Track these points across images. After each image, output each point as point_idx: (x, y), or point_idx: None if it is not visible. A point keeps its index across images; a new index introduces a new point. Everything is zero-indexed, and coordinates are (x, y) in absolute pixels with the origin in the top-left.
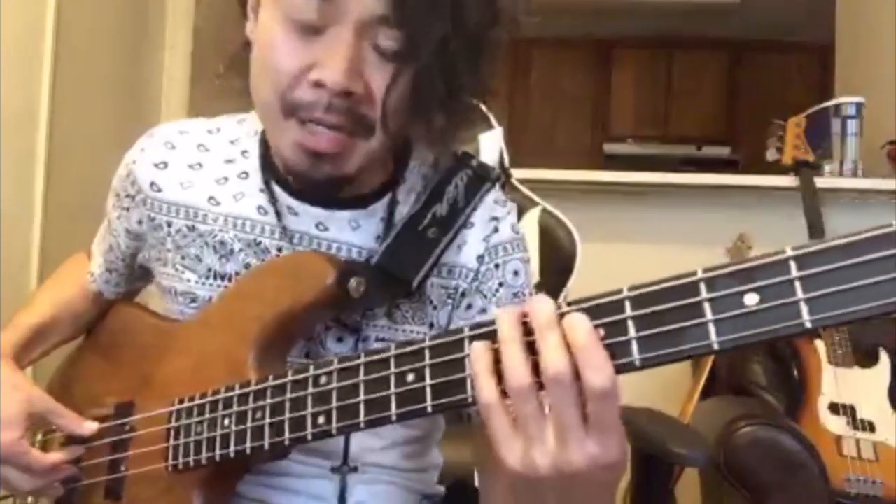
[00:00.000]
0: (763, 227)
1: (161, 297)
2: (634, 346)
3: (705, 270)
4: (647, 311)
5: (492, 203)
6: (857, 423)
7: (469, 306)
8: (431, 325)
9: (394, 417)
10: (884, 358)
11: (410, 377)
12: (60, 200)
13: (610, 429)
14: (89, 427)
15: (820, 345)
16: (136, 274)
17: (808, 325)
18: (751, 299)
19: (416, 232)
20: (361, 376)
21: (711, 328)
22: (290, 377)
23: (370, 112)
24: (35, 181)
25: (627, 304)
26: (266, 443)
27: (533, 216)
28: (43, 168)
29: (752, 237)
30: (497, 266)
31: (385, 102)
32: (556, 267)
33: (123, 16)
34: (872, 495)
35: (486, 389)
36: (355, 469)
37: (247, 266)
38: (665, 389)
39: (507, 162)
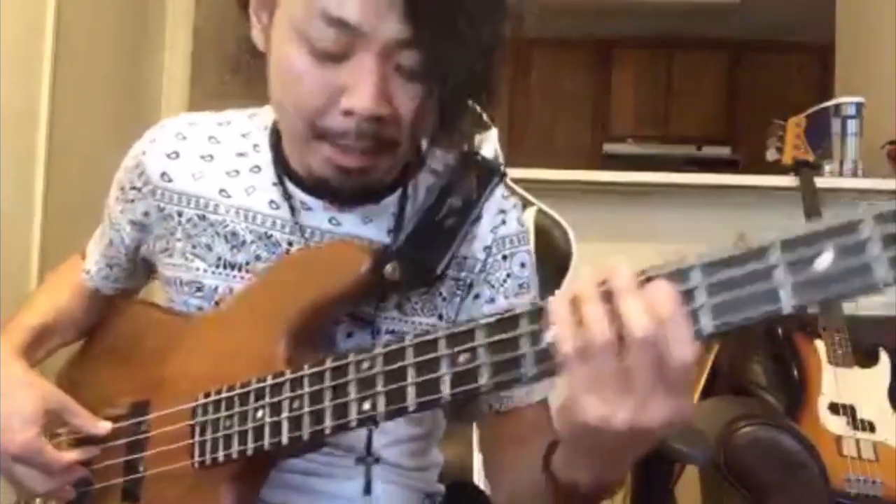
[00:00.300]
0: (763, 227)
1: (163, 288)
2: (706, 314)
3: (773, 236)
4: (717, 278)
5: (499, 196)
6: (857, 423)
7: (477, 296)
8: (441, 317)
9: (447, 398)
10: (884, 358)
11: (463, 357)
12: (60, 200)
13: (686, 392)
14: (104, 426)
15: (820, 345)
16: (137, 269)
17: (882, 285)
18: (823, 261)
19: (435, 222)
20: (410, 359)
21: (783, 292)
22: (328, 364)
23: (396, 132)
24: (35, 181)
25: (697, 272)
26: (305, 432)
27: (528, 216)
28: (43, 168)
29: (752, 237)
30: (504, 258)
31: (413, 123)
32: (552, 267)
33: (123, 16)
34: (872, 495)
35: (570, 339)
36: (378, 460)
37: (258, 257)
38: None
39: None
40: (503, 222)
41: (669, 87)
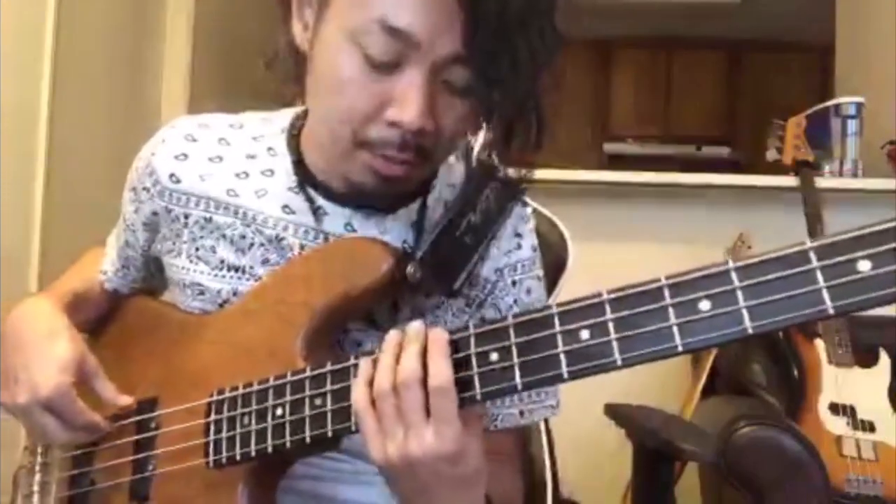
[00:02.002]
0: (763, 227)
1: (170, 289)
2: (745, 315)
3: (813, 240)
4: (755, 280)
5: (517, 218)
6: (857, 423)
7: (482, 320)
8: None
9: (478, 397)
10: (884, 358)
11: (494, 356)
12: (60, 200)
13: (446, 421)
14: (125, 399)
15: (820, 345)
16: (153, 269)
17: None
18: (864, 265)
19: (455, 237)
20: None
21: (825, 294)
22: (352, 361)
23: (433, 144)
24: (35, 181)
25: (734, 275)
26: (329, 430)
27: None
28: (43, 168)
29: (752, 237)
30: (514, 283)
31: (454, 137)
32: (548, 267)
33: (123, 15)
34: (872, 495)
35: (357, 394)
36: None
37: (264, 262)
38: (665, 389)
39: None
40: (518, 246)
41: (669, 87)
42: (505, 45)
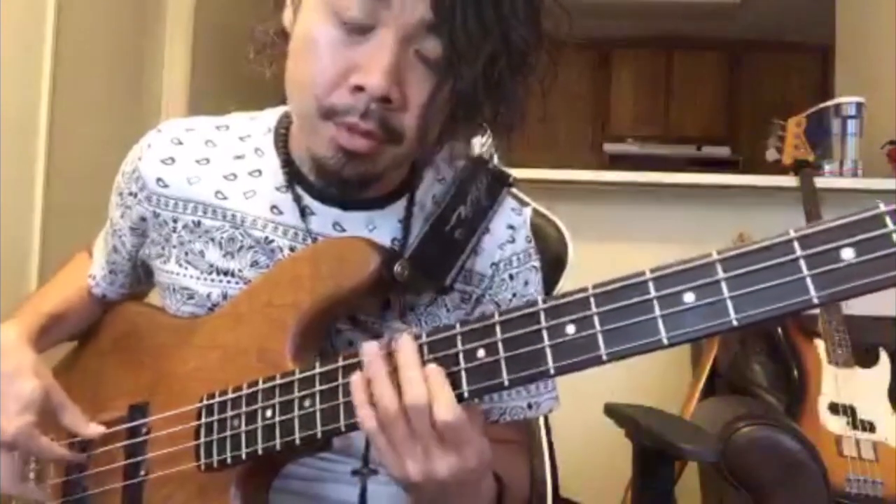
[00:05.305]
0: (763, 227)
1: (160, 294)
2: (730, 307)
3: (797, 229)
4: (740, 271)
5: (509, 210)
6: (857, 423)
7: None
8: None
9: (466, 394)
10: (884, 358)
11: (481, 353)
12: (60, 200)
13: (465, 443)
14: (95, 429)
15: (820, 345)
16: (140, 274)
17: None
18: (847, 254)
19: (444, 233)
20: (426, 355)
21: (810, 283)
22: (340, 362)
23: (402, 121)
24: (35, 181)
25: (718, 267)
26: (318, 431)
27: (525, 215)
28: (43, 168)
29: (752, 237)
30: (511, 277)
31: (424, 114)
32: (548, 267)
33: (123, 15)
34: (872, 495)
35: (368, 418)
36: (375, 472)
37: (254, 264)
38: (665, 389)
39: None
40: (512, 239)
41: (669, 87)
42: (475, 17)
